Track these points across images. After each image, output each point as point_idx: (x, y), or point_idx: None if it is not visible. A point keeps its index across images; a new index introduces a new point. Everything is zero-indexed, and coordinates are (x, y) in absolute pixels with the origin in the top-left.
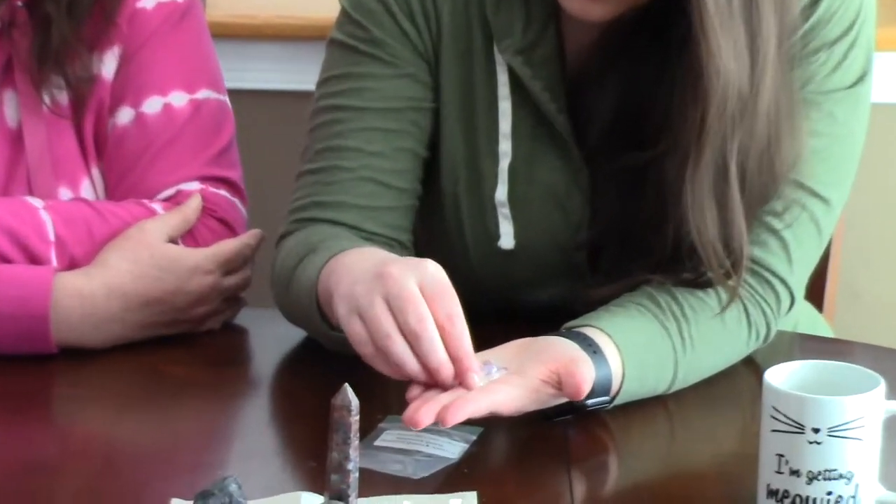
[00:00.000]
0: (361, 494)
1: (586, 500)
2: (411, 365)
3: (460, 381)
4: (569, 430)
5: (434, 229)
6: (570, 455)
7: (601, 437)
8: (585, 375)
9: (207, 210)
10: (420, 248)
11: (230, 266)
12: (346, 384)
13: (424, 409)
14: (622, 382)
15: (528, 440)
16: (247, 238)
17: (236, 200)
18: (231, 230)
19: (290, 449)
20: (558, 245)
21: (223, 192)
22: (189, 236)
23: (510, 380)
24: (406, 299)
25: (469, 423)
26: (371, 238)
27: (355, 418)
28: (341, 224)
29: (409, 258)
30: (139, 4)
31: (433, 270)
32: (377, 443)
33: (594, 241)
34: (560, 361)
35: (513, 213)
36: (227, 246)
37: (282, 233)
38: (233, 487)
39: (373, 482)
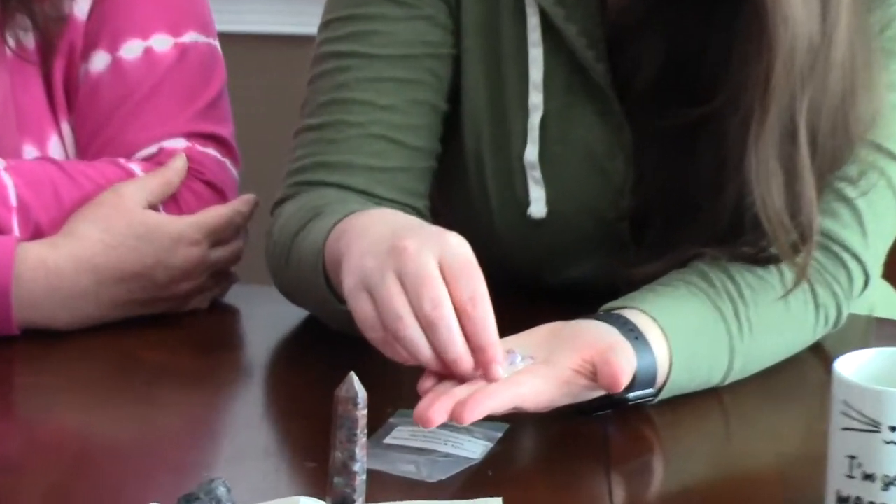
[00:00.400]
0: (369, 499)
1: None
2: (425, 353)
3: (483, 372)
4: (608, 427)
5: (453, 195)
6: (610, 456)
7: (645, 436)
8: (624, 364)
9: (193, 171)
10: (437, 216)
11: (219, 236)
12: (352, 373)
13: (437, 404)
14: (669, 373)
15: (560, 438)
16: (238, 204)
17: (227, 161)
18: (220, 195)
19: (287, 447)
20: (597, 214)
21: (212, 151)
22: (172, 202)
23: (537, 370)
24: (423, 279)
25: (492, 419)
26: (382, 204)
27: (362, 412)
28: (348, 188)
29: (429, 228)
30: None
31: (456, 245)
32: (387, 440)
33: (638, 210)
34: (595, 348)
35: (544, 177)
36: (216, 213)
37: (279, 198)
38: (220, 491)
39: (382, 486)
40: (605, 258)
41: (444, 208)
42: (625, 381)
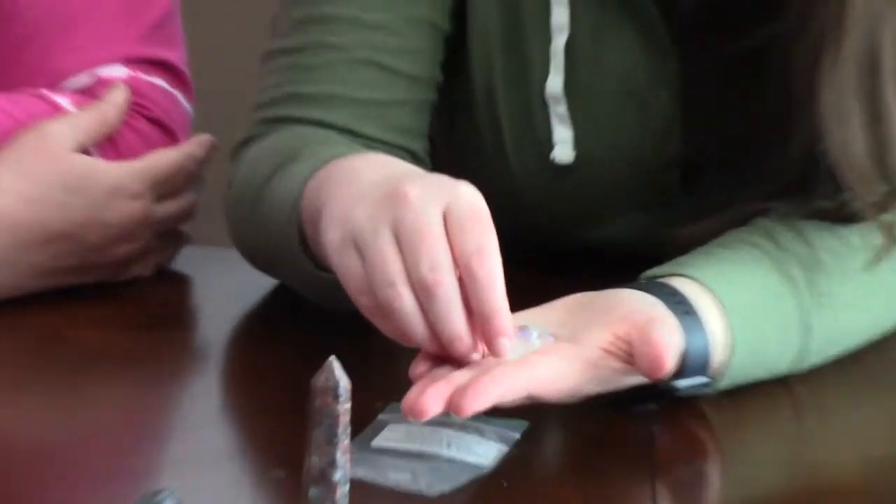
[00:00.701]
0: None
1: None
2: (418, 330)
3: (488, 347)
4: (652, 425)
5: (457, 137)
6: (655, 463)
7: (698, 437)
8: (668, 342)
9: (136, 106)
10: (438, 162)
11: (166, 187)
12: (332, 357)
13: (431, 391)
14: (730, 357)
15: (592, 440)
16: (191, 147)
17: (177, 93)
18: (169, 135)
19: (250, 451)
20: (637, 160)
21: (158, 82)
22: (109, 144)
23: (558, 349)
24: (422, 234)
25: (507, 415)
26: (371, 146)
27: (345, 407)
28: (329, 125)
29: (435, 175)
30: None
31: (468, 195)
32: (376, 442)
33: (688, 157)
34: (631, 322)
35: (571, 113)
36: (163, 158)
37: (243, 138)
38: None
39: (370, 498)
40: (646, 215)
41: (445, 153)
42: (669, 363)
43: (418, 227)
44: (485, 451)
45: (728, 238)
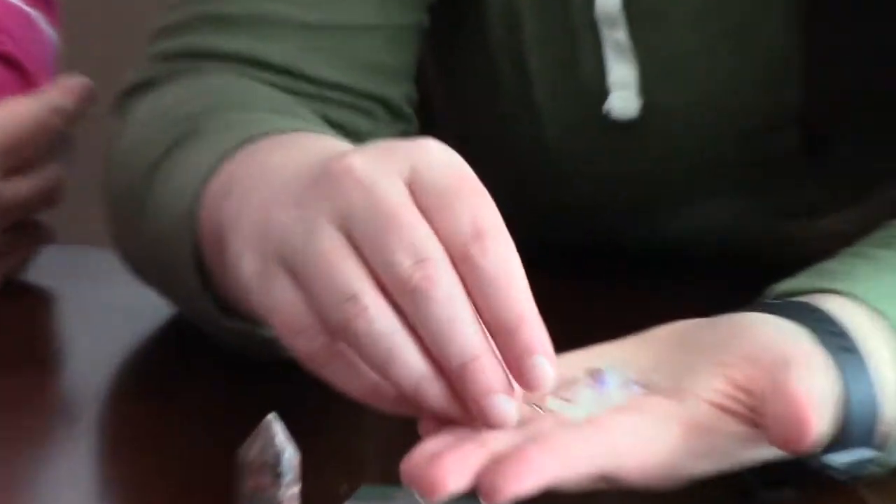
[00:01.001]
0: None
1: None
2: (410, 366)
3: (516, 377)
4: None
5: (462, 85)
6: None
7: None
8: (813, 394)
9: None
10: (429, 126)
11: (17, 157)
12: (273, 416)
13: (454, 457)
14: None
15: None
16: (55, 95)
17: (35, 13)
18: (23, 77)
19: None
20: (733, 114)
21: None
22: None
23: (647, 405)
24: (387, 217)
25: None
26: (323, 96)
27: (291, 491)
28: (262, 64)
29: (392, 141)
30: None
31: (439, 154)
32: None
33: (811, 111)
34: (759, 365)
35: (635, 44)
36: (13, 114)
37: (131, 83)
38: None
39: None
40: (747, 198)
41: (444, 108)
42: (815, 427)
43: (377, 209)
44: None
45: (884, 237)
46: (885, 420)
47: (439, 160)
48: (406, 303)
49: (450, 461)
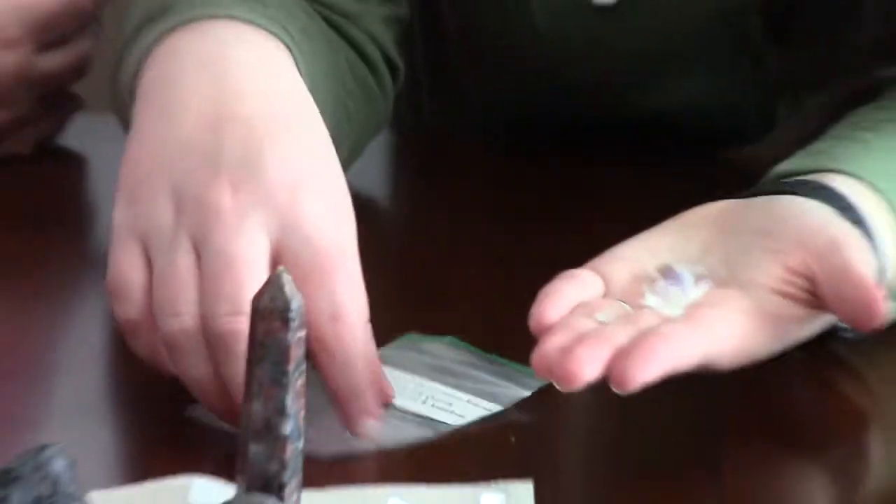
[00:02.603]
0: (311, 483)
1: None
2: (196, 374)
3: (347, 425)
4: (713, 383)
5: None
6: (722, 427)
7: (852, 401)
8: (872, 276)
9: None
10: (430, 12)
11: (52, 32)
12: (282, 269)
13: (584, 350)
14: None
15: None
16: None
17: None
18: None
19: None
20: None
21: None
22: None
23: (729, 300)
24: (229, 262)
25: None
26: None
27: (298, 335)
28: None
29: (278, 163)
30: None
31: (312, 228)
32: None
33: (774, 1)
34: (811, 248)
35: None
36: None
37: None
38: (57, 466)
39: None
40: (719, 75)
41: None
42: (882, 305)
43: (226, 252)
44: (465, 410)
45: (871, 116)
46: (888, 287)
47: (310, 229)
48: (212, 342)
49: (583, 353)
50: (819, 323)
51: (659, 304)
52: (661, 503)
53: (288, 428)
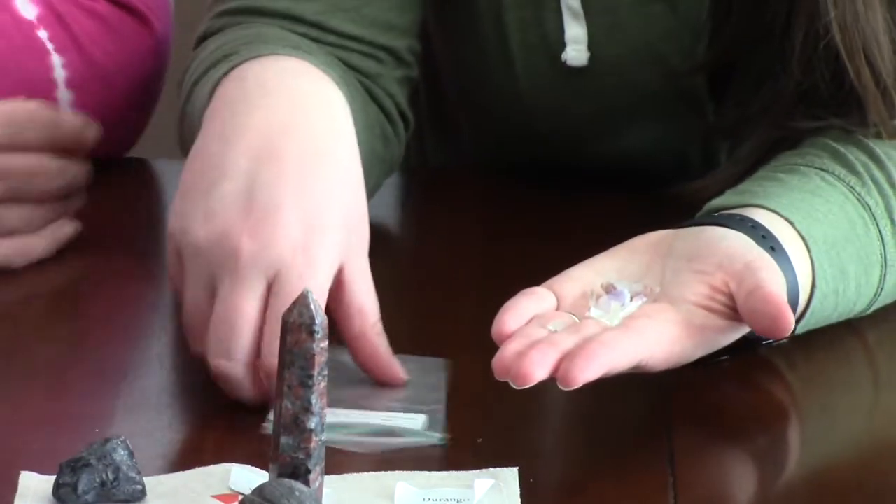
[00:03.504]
0: (332, 470)
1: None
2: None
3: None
4: (669, 375)
5: (456, 35)
6: (672, 417)
7: (774, 395)
8: (779, 291)
9: None
10: (432, 66)
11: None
12: (307, 290)
13: (536, 354)
14: (810, 298)
15: (597, 388)
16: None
17: None
18: (144, 23)
19: (214, 394)
20: (659, 63)
21: None
22: (68, 39)
23: (660, 312)
24: (229, 317)
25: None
26: (343, 45)
27: (322, 345)
28: (297, 19)
29: (289, 218)
30: None
31: (292, 284)
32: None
33: (716, 60)
34: (729, 270)
35: (586, 7)
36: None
37: (201, 33)
38: (119, 455)
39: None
40: (670, 125)
41: (443, 56)
42: (789, 317)
43: (226, 302)
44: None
45: (791, 161)
46: (801, 301)
47: (290, 287)
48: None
49: (534, 357)
50: (738, 333)
51: (601, 316)
52: (617, 479)
53: (313, 423)
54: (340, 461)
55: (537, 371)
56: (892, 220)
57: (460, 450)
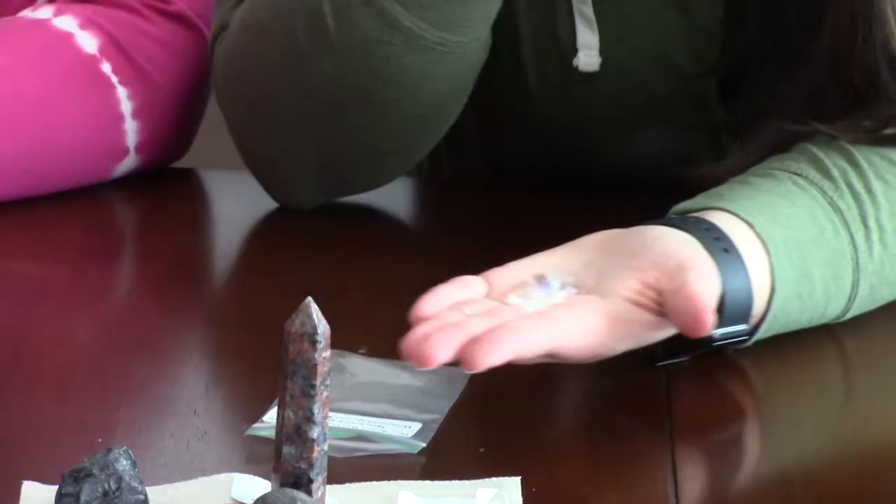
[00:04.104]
0: (334, 479)
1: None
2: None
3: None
4: (673, 382)
5: None
6: (674, 425)
7: (729, 395)
8: (705, 293)
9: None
10: None
11: None
12: (309, 299)
13: (440, 336)
14: (769, 302)
15: (597, 397)
16: None
17: None
18: (195, 32)
19: (216, 403)
20: (670, 68)
21: None
22: (125, 61)
23: (582, 302)
24: None
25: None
26: None
27: (324, 355)
28: None
29: None
30: None
31: None
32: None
33: (731, 64)
34: (661, 269)
35: (598, 13)
36: None
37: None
38: (122, 465)
39: (351, 459)
40: (680, 127)
41: None
42: (710, 318)
43: None
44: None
45: (769, 165)
46: (756, 305)
47: None
48: None
49: (438, 339)
50: (667, 330)
51: (520, 304)
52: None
53: (315, 433)
54: (343, 470)
55: (439, 353)
56: (865, 226)
57: (463, 459)
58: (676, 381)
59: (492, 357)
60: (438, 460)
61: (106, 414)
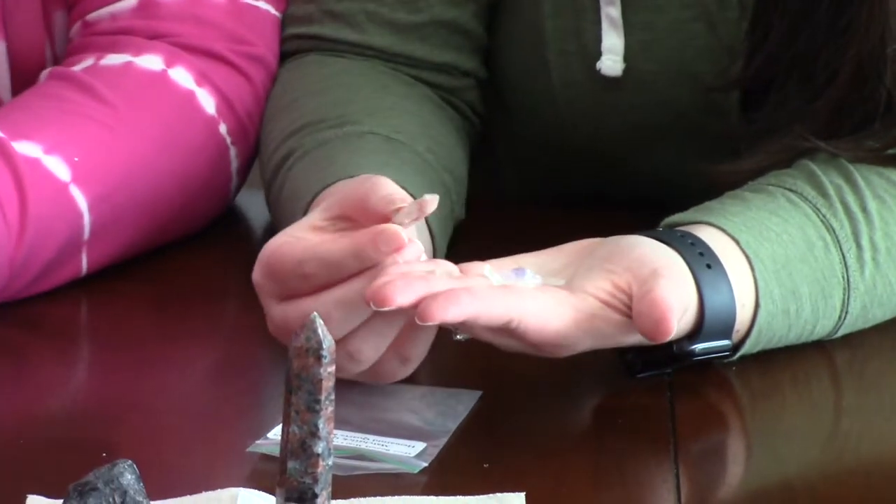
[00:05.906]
0: (340, 495)
1: None
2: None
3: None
4: (677, 401)
5: (494, 44)
6: (678, 444)
7: (719, 409)
8: (671, 299)
9: (237, 41)
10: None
11: None
12: (315, 315)
13: (403, 282)
14: (754, 317)
15: (601, 413)
16: None
17: (277, 13)
18: (267, 69)
19: (222, 419)
20: (694, 79)
21: (262, 4)
22: (224, 106)
23: (552, 291)
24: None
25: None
26: (420, 68)
27: (329, 370)
28: (368, 47)
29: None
30: None
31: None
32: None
33: (755, 79)
34: (634, 273)
35: (626, 20)
36: None
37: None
38: (127, 479)
39: (357, 476)
40: (701, 141)
41: (490, 71)
42: (672, 325)
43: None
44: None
45: (765, 181)
46: (739, 321)
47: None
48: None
49: (401, 284)
50: (635, 335)
51: (490, 276)
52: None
53: (320, 447)
54: (347, 486)
55: (398, 297)
56: (858, 244)
57: (467, 474)
58: (681, 400)
59: (446, 312)
60: (442, 476)
61: (110, 428)
